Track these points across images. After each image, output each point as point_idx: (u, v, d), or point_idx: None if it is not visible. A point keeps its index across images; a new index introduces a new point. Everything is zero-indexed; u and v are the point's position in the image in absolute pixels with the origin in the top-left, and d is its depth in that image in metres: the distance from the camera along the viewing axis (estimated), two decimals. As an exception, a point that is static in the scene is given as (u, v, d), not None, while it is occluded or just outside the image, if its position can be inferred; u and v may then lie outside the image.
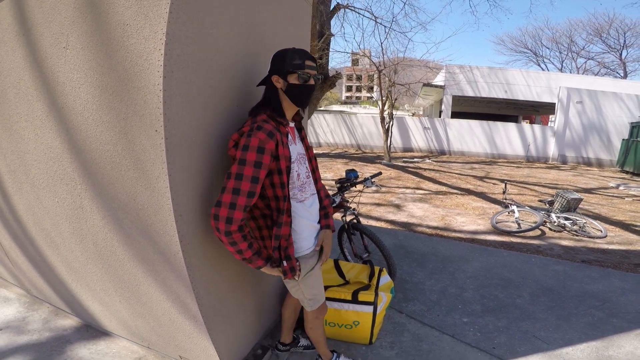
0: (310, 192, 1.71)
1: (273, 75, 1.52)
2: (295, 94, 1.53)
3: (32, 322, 2.36)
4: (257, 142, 1.39)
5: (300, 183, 1.63)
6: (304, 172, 1.67)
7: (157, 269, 1.66)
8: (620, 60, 31.03)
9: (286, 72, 1.49)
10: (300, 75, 1.49)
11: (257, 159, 1.39)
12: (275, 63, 1.52)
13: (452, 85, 16.93)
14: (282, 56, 1.50)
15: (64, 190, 1.76)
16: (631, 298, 2.92)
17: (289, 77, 1.50)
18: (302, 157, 1.68)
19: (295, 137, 1.68)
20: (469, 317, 2.60)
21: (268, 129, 1.42)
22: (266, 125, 1.43)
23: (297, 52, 1.50)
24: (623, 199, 7.62)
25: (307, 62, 1.51)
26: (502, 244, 4.44)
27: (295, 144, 1.64)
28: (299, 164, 1.63)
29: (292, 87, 1.51)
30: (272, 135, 1.43)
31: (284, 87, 1.52)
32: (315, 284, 1.75)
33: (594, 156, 14.69)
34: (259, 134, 1.40)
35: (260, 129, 1.41)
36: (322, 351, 1.98)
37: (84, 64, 1.42)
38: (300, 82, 1.50)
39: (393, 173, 10.15)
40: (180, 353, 1.99)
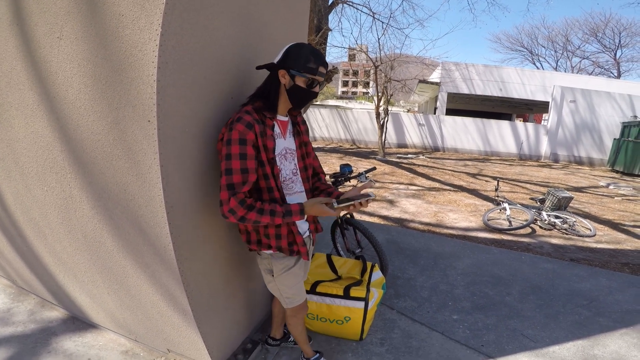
0: (297, 190, 1.66)
1: (281, 69, 1.47)
2: (296, 96, 1.50)
3: (17, 314, 2.33)
4: (237, 135, 1.39)
5: (282, 179, 1.58)
6: (288, 170, 1.62)
7: (147, 261, 1.64)
8: (615, 60, 31.33)
9: (296, 72, 1.44)
10: (309, 81, 1.46)
11: (240, 151, 1.39)
12: (287, 57, 1.46)
13: (447, 82, 16.96)
14: (298, 53, 1.44)
15: (53, 180, 1.73)
16: (617, 297, 2.97)
17: (297, 78, 1.46)
18: (290, 152, 1.63)
19: (287, 131, 1.63)
20: (459, 314, 2.63)
21: (247, 120, 1.41)
22: (246, 117, 1.42)
23: (314, 54, 1.45)
24: (612, 198, 7.73)
25: (321, 69, 1.47)
26: (493, 241, 4.49)
27: (284, 138, 1.60)
28: (282, 159, 1.59)
29: (296, 89, 1.48)
30: (251, 126, 1.41)
31: (288, 85, 1.48)
32: (293, 284, 1.72)
33: (586, 155, 14.86)
34: (238, 126, 1.39)
35: (240, 120, 1.40)
36: (303, 348, 1.97)
37: (78, 54, 1.39)
38: (307, 87, 1.47)
39: (387, 168, 10.17)
40: (168, 346, 1.98)
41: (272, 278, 1.69)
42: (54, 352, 2.02)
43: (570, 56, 34.84)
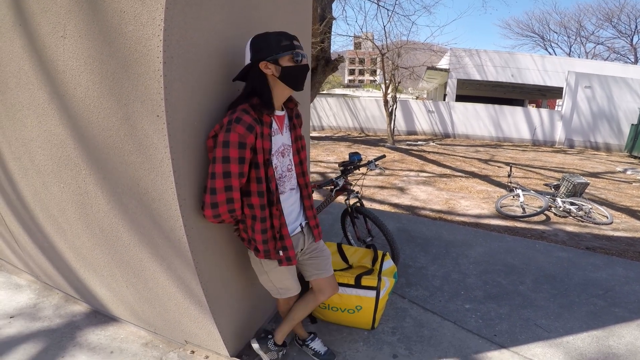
0: (289, 187, 1.65)
1: (261, 62, 1.40)
2: (291, 77, 1.44)
3: (43, 309, 2.41)
4: (237, 138, 1.34)
5: (277, 176, 1.56)
6: (284, 165, 1.60)
7: (163, 254, 1.67)
8: (631, 45, 30.26)
9: (276, 56, 1.39)
10: (294, 56, 1.40)
11: (240, 155, 1.37)
12: (257, 49, 1.41)
13: (457, 68, 16.65)
14: (266, 40, 1.40)
15: (68, 176, 1.77)
16: (634, 287, 2.92)
17: (281, 61, 1.40)
18: (286, 148, 1.61)
19: (284, 126, 1.60)
20: (471, 303, 2.62)
21: (247, 122, 1.36)
22: (245, 117, 1.37)
23: (280, 34, 1.41)
24: (630, 184, 7.55)
25: (295, 42, 1.42)
26: (506, 228, 4.44)
27: (281, 134, 1.57)
28: (279, 157, 1.56)
29: (288, 70, 1.41)
30: (252, 128, 1.37)
31: (277, 73, 1.42)
32: (286, 277, 1.72)
33: (602, 141, 14.50)
34: (238, 128, 1.34)
35: (239, 121, 1.35)
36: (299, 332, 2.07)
37: (83, 52, 1.41)
38: (295, 62, 1.41)
39: (397, 156, 10.10)
40: (186, 338, 2.03)
41: (263, 271, 1.70)
42: (79, 346, 2.08)
43: (584, 42, 33.78)
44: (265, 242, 1.56)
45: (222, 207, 1.42)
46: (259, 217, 1.51)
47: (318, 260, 1.84)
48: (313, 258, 1.83)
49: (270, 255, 1.59)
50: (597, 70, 15.45)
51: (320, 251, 1.86)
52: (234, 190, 1.41)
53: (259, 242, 1.55)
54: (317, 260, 1.83)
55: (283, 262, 1.61)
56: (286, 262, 1.61)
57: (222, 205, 1.42)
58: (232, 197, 1.42)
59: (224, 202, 1.41)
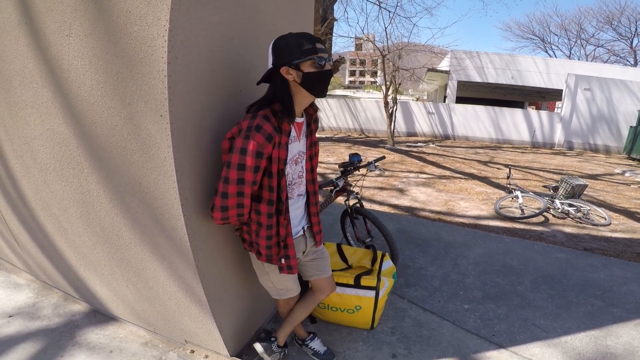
0: (297, 193, 1.64)
1: (282, 68, 1.34)
2: (313, 84, 1.37)
3: (42, 308, 2.41)
4: (255, 147, 1.31)
5: (288, 183, 1.55)
6: (296, 173, 1.59)
7: (164, 253, 1.68)
8: (631, 48, 30.39)
9: (298, 61, 1.32)
10: (317, 61, 1.32)
11: (255, 164, 1.34)
12: (279, 54, 1.34)
13: (457, 70, 16.69)
14: (287, 45, 1.33)
15: (71, 175, 1.78)
16: (632, 288, 2.94)
17: (303, 66, 1.33)
18: (300, 155, 1.59)
19: (302, 133, 1.56)
20: (470, 303, 2.63)
21: (267, 132, 1.32)
22: (266, 126, 1.32)
23: (302, 37, 1.33)
24: (629, 186, 7.57)
25: (318, 45, 1.34)
26: (505, 230, 4.45)
27: (299, 141, 1.55)
28: (292, 165, 1.55)
29: (310, 76, 1.34)
30: (271, 138, 1.34)
31: (299, 79, 1.35)
32: (286, 279, 1.72)
33: (601, 143, 14.53)
34: (257, 137, 1.31)
35: (260, 130, 1.31)
36: (299, 332, 2.07)
37: (88, 51, 1.42)
38: (317, 69, 1.34)
39: (396, 157, 10.11)
40: (185, 337, 2.04)
41: (265, 272, 1.70)
42: (78, 345, 2.09)
43: (585, 44, 33.93)
44: (269, 248, 1.56)
45: (231, 211, 1.42)
46: (265, 224, 1.50)
47: (318, 262, 1.85)
48: (314, 260, 1.84)
49: (272, 261, 1.59)
50: (596, 72, 15.49)
51: (321, 253, 1.88)
52: (245, 197, 1.41)
53: (262, 246, 1.55)
54: (318, 262, 1.85)
55: (284, 270, 1.61)
56: (287, 271, 1.61)
57: (232, 210, 1.42)
58: (242, 203, 1.42)
59: (234, 206, 1.41)
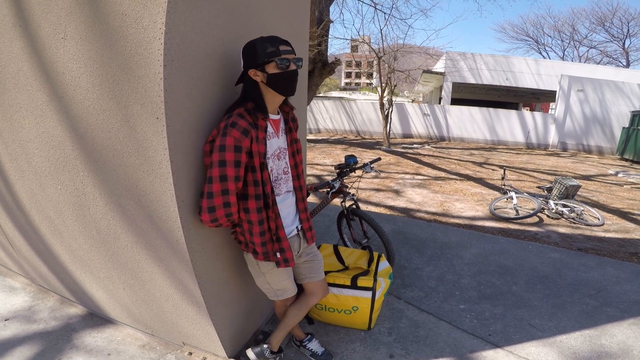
0: (285, 189, 1.67)
1: (249, 70, 1.44)
2: (278, 84, 1.46)
3: (38, 312, 2.40)
4: (232, 141, 1.37)
5: (273, 179, 1.58)
6: (280, 168, 1.62)
7: (161, 255, 1.68)
8: (623, 49, 30.73)
9: (262, 63, 1.41)
10: (279, 63, 1.41)
11: (235, 158, 1.39)
12: (247, 56, 1.44)
13: (452, 72, 16.80)
14: (253, 48, 1.42)
15: (66, 178, 1.78)
16: (625, 287, 2.97)
17: (267, 67, 1.42)
18: (282, 151, 1.63)
19: (280, 129, 1.62)
20: (466, 303, 2.65)
21: (242, 126, 1.39)
22: (240, 122, 1.40)
23: (267, 40, 1.42)
24: (622, 187, 7.65)
25: (282, 47, 1.42)
26: (500, 230, 4.48)
27: (277, 137, 1.60)
28: (275, 159, 1.59)
29: (273, 77, 1.44)
30: (247, 132, 1.40)
31: (265, 79, 1.45)
32: (283, 278, 1.74)
33: (595, 144, 14.68)
34: (233, 132, 1.37)
35: (235, 125, 1.38)
36: (296, 333, 2.08)
37: (83, 54, 1.42)
38: (280, 70, 1.43)
39: (392, 159, 10.15)
40: (183, 339, 2.03)
41: (260, 273, 1.71)
42: (76, 348, 2.08)
43: (578, 45, 34.23)
44: (264, 245, 1.57)
45: (219, 210, 1.44)
46: (256, 220, 1.53)
47: (311, 264, 1.86)
48: (307, 262, 1.84)
49: (269, 257, 1.60)
50: (589, 73, 15.66)
51: (314, 255, 1.88)
52: (230, 194, 1.44)
53: (257, 244, 1.57)
54: (311, 264, 1.86)
55: (281, 264, 1.63)
56: (284, 264, 1.63)
57: (220, 209, 1.44)
58: (228, 201, 1.45)
59: (220, 205, 1.43)
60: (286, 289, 1.79)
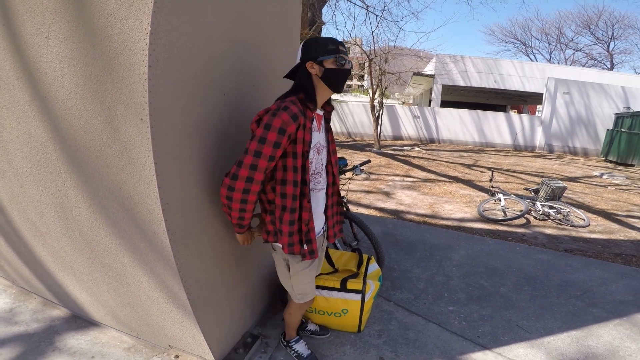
0: (322, 187, 1.71)
1: (307, 62, 1.51)
2: (332, 79, 1.53)
3: (19, 314, 2.34)
4: (279, 123, 1.40)
5: (312, 171, 1.62)
6: (319, 163, 1.66)
7: (145, 258, 1.65)
8: (608, 52, 31.40)
9: (321, 57, 1.49)
10: (338, 59, 1.49)
11: (277, 140, 1.41)
12: (307, 50, 1.51)
13: (442, 74, 16.95)
14: (315, 43, 1.51)
15: (48, 179, 1.73)
16: (611, 288, 3.02)
17: (325, 62, 1.49)
18: (322, 147, 1.68)
19: (321, 126, 1.67)
20: (455, 305, 2.66)
21: (293, 111, 1.43)
22: (292, 107, 1.43)
23: (329, 40, 1.52)
24: (606, 188, 7.80)
25: (341, 47, 1.52)
26: (488, 232, 4.53)
27: (319, 132, 1.64)
28: (315, 153, 1.63)
29: (329, 72, 1.50)
30: (296, 117, 1.43)
31: (320, 73, 1.51)
32: (308, 281, 1.76)
33: (580, 146, 14.96)
34: (283, 115, 1.40)
35: (286, 109, 1.42)
36: (289, 333, 2.08)
37: (67, 53, 1.39)
38: (338, 66, 1.50)
39: (383, 161, 10.19)
40: (169, 342, 2.00)
41: (288, 274, 1.72)
42: (58, 351, 2.03)
43: (564, 48, 34.89)
44: (291, 235, 1.58)
45: (240, 182, 1.43)
46: (289, 207, 1.54)
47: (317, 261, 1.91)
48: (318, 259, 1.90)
49: (294, 249, 1.60)
50: (575, 76, 15.97)
51: (320, 258, 1.94)
52: (257, 171, 1.43)
53: (285, 233, 1.57)
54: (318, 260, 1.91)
55: (307, 256, 1.63)
56: (309, 256, 1.63)
57: (241, 181, 1.43)
58: (253, 177, 1.44)
59: (244, 178, 1.42)
60: (307, 293, 1.81)
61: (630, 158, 11.74)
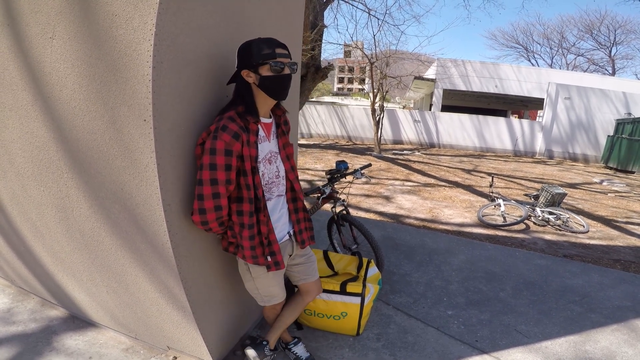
0: (277, 194, 1.65)
1: (242, 70, 1.43)
2: (270, 87, 1.44)
3: (17, 314, 2.33)
4: (223, 145, 1.36)
5: (264, 183, 1.57)
6: (272, 172, 1.61)
7: (145, 259, 1.66)
8: (610, 57, 31.48)
9: (256, 65, 1.40)
10: (273, 66, 1.39)
11: (226, 162, 1.38)
12: (242, 56, 1.43)
13: (443, 78, 17.00)
14: (248, 48, 1.41)
15: (50, 179, 1.74)
16: (609, 293, 3.02)
17: (261, 70, 1.40)
18: (274, 155, 1.62)
19: (271, 133, 1.61)
20: (454, 309, 2.66)
21: (233, 130, 1.37)
22: (231, 125, 1.38)
23: (263, 42, 1.40)
24: (606, 195, 7.81)
25: (278, 50, 1.41)
26: (488, 237, 4.53)
27: (269, 141, 1.59)
28: (266, 164, 1.57)
29: (266, 80, 1.42)
30: (238, 136, 1.39)
31: (257, 81, 1.43)
32: (273, 284, 1.72)
33: (580, 152, 14.96)
34: (224, 136, 1.36)
35: (226, 129, 1.37)
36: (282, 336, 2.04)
37: (71, 54, 1.40)
38: (274, 72, 1.41)
39: (383, 165, 10.20)
40: (168, 343, 2.00)
41: (250, 278, 1.69)
42: (56, 351, 2.03)
43: (566, 53, 35.02)
44: (253, 248, 1.56)
45: (210, 214, 1.42)
46: (247, 224, 1.52)
47: (306, 266, 1.86)
48: (301, 265, 1.84)
49: (258, 261, 1.58)
50: (576, 81, 15.99)
51: (308, 257, 1.88)
52: (221, 197, 1.43)
53: (246, 248, 1.55)
54: (305, 266, 1.86)
55: (272, 268, 1.61)
56: (274, 267, 1.61)
57: (211, 213, 1.42)
58: (220, 205, 1.43)
59: (212, 209, 1.42)
60: (274, 295, 1.77)
61: (631, 165, 11.72)
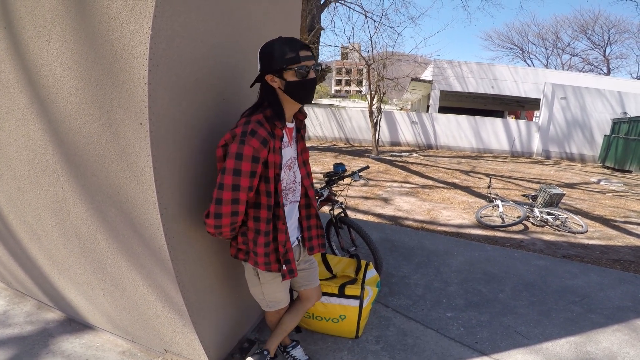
0: (292, 200, 1.62)
1: (267, 75, 1.37)
2: (296, 92, 1.38)
3: (14, 316, 2.32)
4: (251, 151, 1.30)
5: (282, 188, 1.53)
6: (290, 178, 1.57)
7: (142, 262, 1.65)
8: (604, 56, 31.68)
9: (280, 70, 1.34)
10: (298, 70, 1.33)
11: (252, 169, 1.33)
12: (265, 60, 1.36)
13: (440, 80, 17.05)
14: (270, 51, 1.34)
15: (46, 182, 1.73)
16: (609, 294, 3.02)
17: (285, 75, 1.34)
18: (292, 161, 1.57)
19: (292, 138, 1.57)
20: (453, 311, 2.65)
21: (262, 136, 1.32)
22: (260, 131, 1.32)
23: (286, 44, 1.33)
24: (604, 194, 7.83)
25: (302, 53, 1.33)
26: (486, 238, 4.53)
27: (290, 147, 1.54)
28: (286, 169, 1.54)
29: (292, 85, 1.35)
30: (266, 142, 1.33)
31: (282, 86, 1.37)
32: (280, 289, 1.70)
33: (577, 151, 15.01)
34: (253, 142, 1.30)
35: (255, 134, 1.31)
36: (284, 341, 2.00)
37: (68, 57, 1.39)
38: (299, 78, 1.34)
39: (381, 167, 10.20)
40: (165, 347, 1.98)
41: (258, 283, 1.65)
42: (52, 354, 2.02)
43: (561, 53, 35.20)
44: (267, 255, 1.52)
45: (225, 219, 1.38)
46: (264, 230, 1.48)
47: (308, 272, 1.84)
48: (304, 270, 1.82)
49: (271, 268, 1.55)
50: (572, 81, 16.07)
51: (311, 264, 1.87)
52: (240, 204, 1.38)
53: (260, 254, 1.51)
54: (308, 272, 1.83)
55: (286, 276, 1.57)
56: (289, 276, 1.58)
57: (227, 217, 1.38)
58: (237, 210, 1.39)
59: (228, 214, 1.37)
60: (279, 301, 1.75)
61: (628, 164, 11.78)
